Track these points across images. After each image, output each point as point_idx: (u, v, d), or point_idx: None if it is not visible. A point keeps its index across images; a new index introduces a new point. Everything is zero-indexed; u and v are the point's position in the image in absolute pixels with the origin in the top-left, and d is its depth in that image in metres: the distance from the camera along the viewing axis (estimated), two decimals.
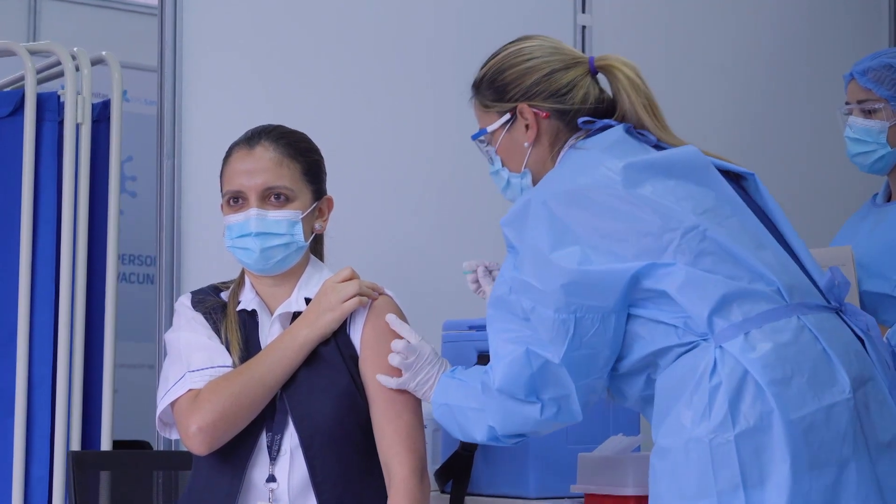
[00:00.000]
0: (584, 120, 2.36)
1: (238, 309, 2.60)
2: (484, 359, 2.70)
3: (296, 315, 2.58)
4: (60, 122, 3.46)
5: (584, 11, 3.94)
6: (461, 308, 3.04)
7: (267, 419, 2.51)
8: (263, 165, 2.56)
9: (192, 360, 2.53)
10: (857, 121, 3.11)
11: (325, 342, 2.53)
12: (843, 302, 2.24)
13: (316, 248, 2.69)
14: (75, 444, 3.36)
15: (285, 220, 2.56)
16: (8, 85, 3.78)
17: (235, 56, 3.43)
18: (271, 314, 2.60)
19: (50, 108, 3.47)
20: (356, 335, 2.56)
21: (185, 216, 3.32)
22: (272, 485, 2.50)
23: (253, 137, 2.60)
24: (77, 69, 3.48)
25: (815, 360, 2.10)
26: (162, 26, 3.33)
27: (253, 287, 2.63)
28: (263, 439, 2.51)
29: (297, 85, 3.50)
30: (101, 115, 3.54)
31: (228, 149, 2.62)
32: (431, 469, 2.87)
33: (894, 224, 3.06)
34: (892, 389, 2.17)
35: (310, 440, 2.49)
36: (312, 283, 2.61)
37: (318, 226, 2.64)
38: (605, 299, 2.17)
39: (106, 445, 3.37)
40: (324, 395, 2.51)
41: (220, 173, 2.62)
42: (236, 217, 2.56)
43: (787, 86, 4.38)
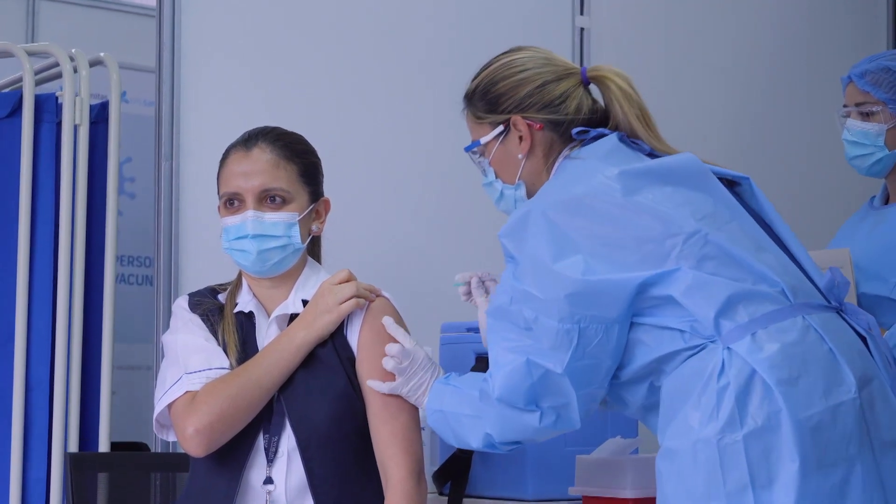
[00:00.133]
0: (578, 130, 2.36)
1: (235, 311, 2.60)
2: (482, 361, 2.70)
3: (293, 317, 2.58)
4: (58, 124, 3.46)
5: (582, 13, 3.93)
6: (459, 310, 3.03)
7: (264, 421, 2.51)
8: (260, 167, 2.56)
9: (190, 362, 2.53)
10: (854, 123, 3.11)
11: (322, 344, 2.53)
12: (843, 302, 2.24)
13: (313, 249, 2.69)
14: (73, 446, 3.36)
15: (282, 223, 2.55)
16: (6, 86, 3.78)
17: (234, 57, 3.43)
18: (268, 316, 2.60)
19: (48, 109, 3.47)
20: (353, 337, 2.55)
21: (183, 218, 3.31)
22: (269, 487, 2.49)
23: (250, 139, 2.60)
24: (75, 70, 3.48)
25: (822, 360, 2.10)
26: (160, 27, 3.33)
27: (250, 289, 2.63)
28: (261, 441, 2.51)
29: (295, 86, 3.49)
30: (100, 116, 3.54)
31: (225, 150, 2.62)
32: (430, 471, 2.87)
33: (892, 226, 3.06)
34: (894, 388, 2.17)
35: (307, 442, 2.49)
36: (309, 284, 2.61)
37: (315, 228, 2.63)
38: (609, 309, 2.17)
39: (104, 447, 3.37)
40: (321, 396, 2.51)
41: (217, 175, 2.61)
42: (233, 219, 2.56)
43: (786, 87, 4.38)
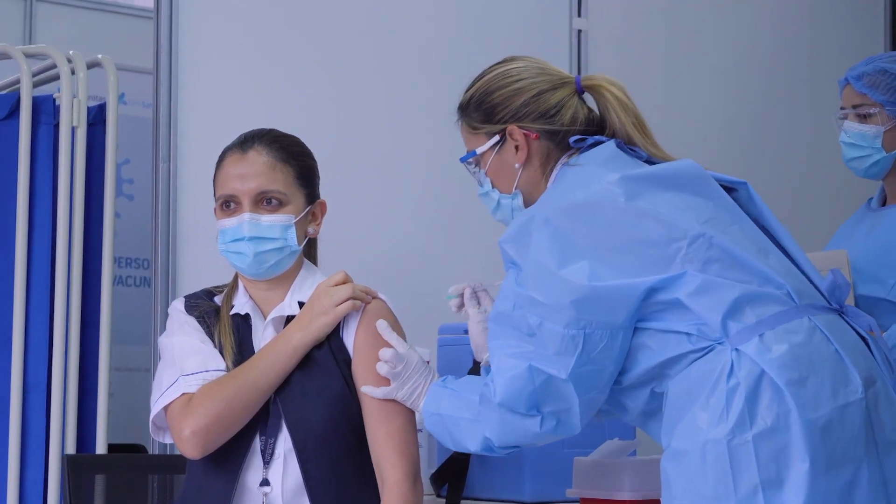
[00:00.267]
0: (576, 138, 2.36)
1: (231, 313, 2.60)
2: (480, 363, 2.70)
3: (289, 319, 2.57)
4: (56, 126, 3.46)
5: (579, 15, 3.93)
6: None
7: (260, 423, 2.51)
8: (256, 170, 2.56)
9: (186, 364, 2.53)
10: (852, 125, 3.10)
11: (318, 346, 2.53)
12: (843, 304, 2.24)
13: (309, 252, 2.69)
14: (70, 448, 3.37)
15: (278, 225, 2.55)
16: (3, 88, 3.78)
17: (231, 59, 3.42)
18: (265, 318, 2.60)
19: (46, 111, 3.47)
20: (349, 339, 2.55)
21: (180, 219, 3.31)
22: (266, 488, 2.49)
23: (246, 141, 2.60)
24: (73, 72, 3.48)
25: (829, 361, 2.10)
26: (158, 29, 3.33)
27: (246, 291, 2.62)
28: (257, 443, 2.51)
29: (293, 88, 3.49)
30: (97, 118, 3.54)
31: (221, 153, 2.62)
32: (427, 473, 2.86)
33: (889, 228, 3.06)
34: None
35: (303, 444, 2.49)
36: (306, 286, 2.61)
37: (311, 230, 2.63)
38: (615, 315, 2.17)
39: (101, 449, 3.37)
40: (317, 398, 2.51)
41: (213, 177, 2.61)
42: (229, 221, 2.56)
43: (785, 88, 4.38)
